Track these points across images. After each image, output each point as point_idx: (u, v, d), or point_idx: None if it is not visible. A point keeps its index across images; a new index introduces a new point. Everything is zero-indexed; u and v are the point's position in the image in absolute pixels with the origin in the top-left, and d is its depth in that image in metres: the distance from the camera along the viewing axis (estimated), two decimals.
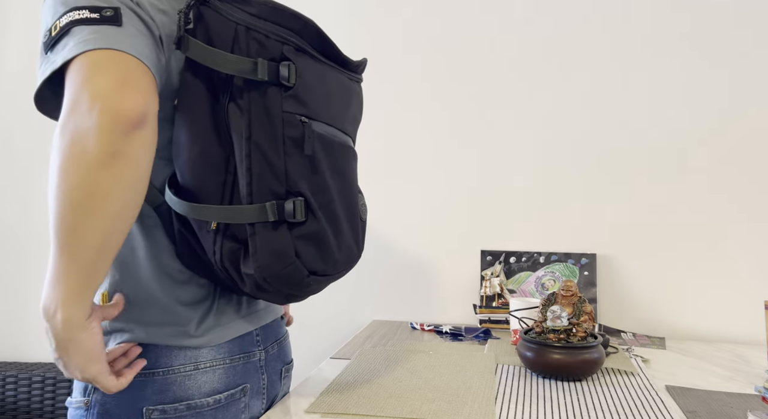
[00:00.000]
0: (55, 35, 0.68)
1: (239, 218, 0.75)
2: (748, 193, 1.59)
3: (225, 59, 0.73)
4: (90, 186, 0.63)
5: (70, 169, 0.63)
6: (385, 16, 1.80)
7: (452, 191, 1.75)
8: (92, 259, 0.66)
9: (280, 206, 0.75)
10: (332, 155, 0.81)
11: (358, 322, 1.79)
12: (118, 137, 0.64)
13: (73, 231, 0.64)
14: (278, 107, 0.75)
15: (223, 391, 0.83)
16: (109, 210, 0.65)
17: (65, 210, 0.64)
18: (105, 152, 0.63)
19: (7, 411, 1.79)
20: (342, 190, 0.84)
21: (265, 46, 0.75)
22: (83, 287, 0.66)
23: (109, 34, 0.67)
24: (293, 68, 0.75)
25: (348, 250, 0.85)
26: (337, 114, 0.83)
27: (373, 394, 0.99)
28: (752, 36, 1.60)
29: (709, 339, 1.59)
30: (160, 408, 0.78)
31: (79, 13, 0.68)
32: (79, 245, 0.65)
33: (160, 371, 0.79)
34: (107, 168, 0.63)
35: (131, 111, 0.64)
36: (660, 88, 1.65)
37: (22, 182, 2.00)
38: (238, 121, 0.75)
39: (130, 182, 0.66)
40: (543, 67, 1.71)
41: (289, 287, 0.78)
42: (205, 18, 0.75)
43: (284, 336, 1.01)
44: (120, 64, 0.66)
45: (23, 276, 1.98)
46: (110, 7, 0.69)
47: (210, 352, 0.83)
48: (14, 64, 2.02)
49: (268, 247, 0.75)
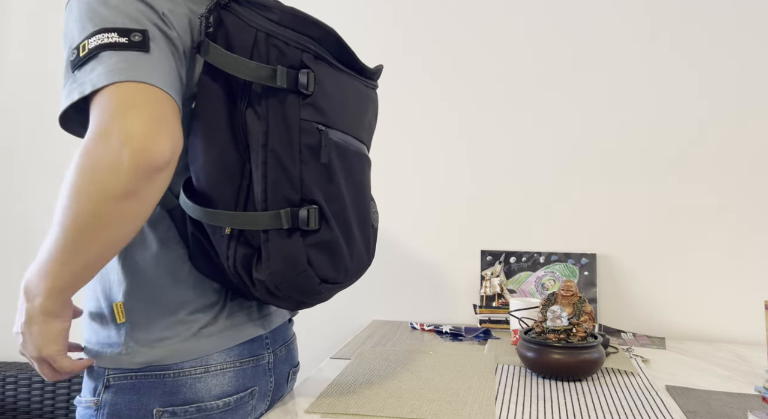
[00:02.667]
0: (83, 57, 0.69)
1: (253, 224, 0.75)
2: (748, 193, 1.59)
3: (244, 65, 0.73)
4: (99, 215, 0.67)
5: (85, 194, 0.66)
6: (388, 15, 1.80)
7: (452, 191, 1.75)
8: (83, 269, 0.70)
9: (295, 214, 0.76)
10: (347, 164, 0.82)
11: (358, 322, 1.79)
12: (141, 179, 0.66)
13: (72, 245, 0.68)
14: (296, 114, 0.76)
15: (233, 394, 0.84)
16: (111, 237, 0.69)
17: (70, 228, 0.68)
18: (124, 191, 0.66)
19: (7, 411, 1.79)
20: (355, 198, 0.84)
21: (285, 54, 0.75)
22: (68, 288, 0.72)
23: (139, 65, 0.68)
24: (312, 76, 0.76)
25: (359, 258, 0.86)
26: (353, 122, 0.84)
27: (373, 394, 0.99)
28: (755, 37, 1.60)
29: (709, 339, 1.59)
30: (170, 410, 0.78)
31: (108, 37, 0.69)
32: (75, 258, 0.69)
33: (171, 373, 0.79)
34: (120, 203, 0.67)
35: (160, 157, 0.67)
36: (660, 89, 1.65)
37: (22, 182, 2.00)
38: (255, 127, 0.75)
39: (138, 217, 0.69)
40: (543, 67, 1.71)
41: (300, 294, 0.79)
42: (225, 23, 0.75)
43: (292, 338, 1.01)
44: (152, 103, 0.68)
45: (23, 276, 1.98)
46: (139, 31, 0.70)
47: (220, 355, 0.83)
48: (14, 63, 2.02)
49: (281, 254, 0.76)
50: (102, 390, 0.79)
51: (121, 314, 0.79)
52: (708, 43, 1.62)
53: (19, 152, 2.00)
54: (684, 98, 1.63)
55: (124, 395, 0.78)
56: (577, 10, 1.69)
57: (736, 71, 1.61)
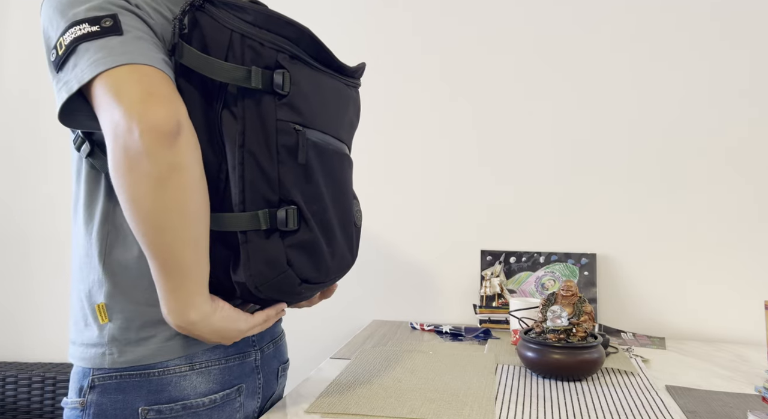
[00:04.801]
0: (62, 55, 0.70)
1: (231, 225, 0.75)
2: (748, 193, 1.59)
3: (219, 67, 0.73)
4: (162, 203, 0.67)
5: (139, 193, 0.67)
6: (385, 18, 1.80)
7: (452, 191, 1.75)
8: (192, 260, 0.71)
9: (273, 215, 0.76)
10: (326, 163, 0.81)
11: (358, 322, 1.79)
12: (165, 150, 0.67)
13: (167, 247, 0.69)
14: (272, 115, 0.76)
15: (219, 391, 0.84)
16: (189, 216, 0.69)
17: (151, 232, 0.68)
18: (161, 168, 0.66)
19: (7, 411, 1.79)
20: (336, 197, 0.84)
21: (260, 54, 0.75)
22: (196, 284, 0.72)
23: (115, 48, 0.69)
24: (287, 76, 0.76)
25: (341, 258, 0.86)
26: (332, 121, 0.83)
27: (373, 394, 0.99)
28: (756, 38, 1.60)
29: (709, 339, 1.59)
30: (155, 409, 0.78)
31: (80, 28, 0.69)
32: (176, 257, 0.70)
33: (156, 371, 0.79)
34: (169, 181, 0.67)
35: (166, 124, 0.67)
36: (660, 90, 1.65)
37: (23, 182, 2.00)
38: (231, 128, 0.75)
39: (193, 185, 0.70)
40: (543, 68, 1.71)
41: (280, 294, 0.79)
42: (200, 24, 0.75)
43: (280, 335, 1.01)
44: (140, 79, 0.68)
45: (24, 276, 1.98)
46: (108, 16, 0.70)
47: (205, 353, 0.83)
48: (14, 63, 2.02)
49: (261, 255, 0.76)
50: (87, 390, 0.78)
51: (104, 315, 0.79)
52: (708, 46, 1.62)
53: (18, 151, 2.00)
54: (685, 99, 1.63)
55: (109, 395, 0.78)
56: (583, 9, 1.69)
57: (735, 74, 1.61)
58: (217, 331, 0.77)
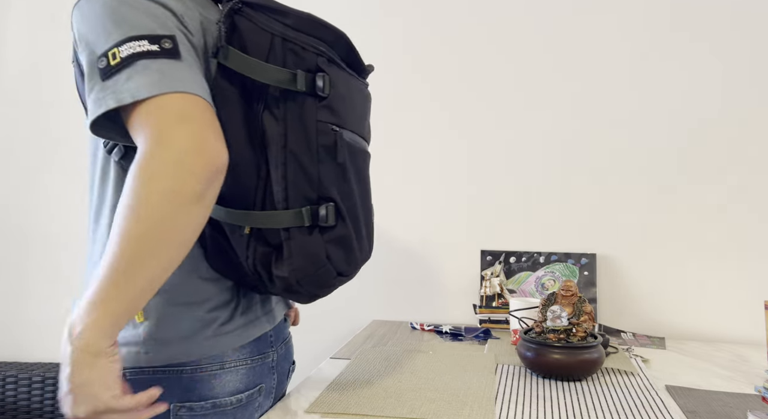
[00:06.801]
0: (115, 65, 0.69)
1: (275, 222, 0.78)
2: (748, 193, 1.59)
3: (265, 70, 0.76)
4: (168, 222, 0.65)
5: (154, 202, 0.64)
6: (386, 15, 1.80)
7: (452, 191, 1.75)
8: (140, 293, 0.66)
9: (314, 212, 0.79)
10: (355, 162, 0.85)
11: (358, 322, 1.79)
12: (207, 182, 0.67)
13: (133, 260, 0.65)
14: (313, 116, 0.79)
15: (244, 391, 0.86)
16: (175, 249, 0.67)
17: (133, 239, 0.65)
18: (194, 195, 0.66)
19: (7, 411, 1.79)
20: (362, 194, 0.87)
21: (302, 57, 0.78)
22: (120, 317, 0.66)
23: (175, 74, 0.69)
24: (327, 79, 0.79)
25: (364, 252, 0.89)
26: (358, 121, 0.87)
27: (373, 394, 0.99)
28: (757, 35, 1.60)
29: (709, 339, 1.59)
30: (187, 406, 0.80)
31: (139, 45, 0.69)
32: (134, 276, 0.65)
33: (188, 369, 0.80)
34: (190, 208, 0.66)
35: (220, 160, 0.68)
36: (660, 88, 1.65)
37: (23, 182, 2.00)
38: (273, 129, 0.78)
39: (201, 223, 0.69)
40: (542, 67, 1.71)
41: (318, 288, 0.83)
42: (240, 27, 0.77)
43: (289, 336, 1.03)
44: (202, 112, 0.69)
45: (24, 276, 1.98)
46: (167, 36, 0.71)
47: (234, 352, 0.85)
48: (14, 63, 2.02)
49: (303, 250, 0.79)
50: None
51: (140, 314, 0.80)
52: (710, 43, 1.62)
53: (18, 151, 2.00)
54: (686, 99, 1.63)
55: (141, 390, 0.78)
56: (577, 11, 1.69)
57: (736, 70, 1.61)
58: (88, 379, 0.66)
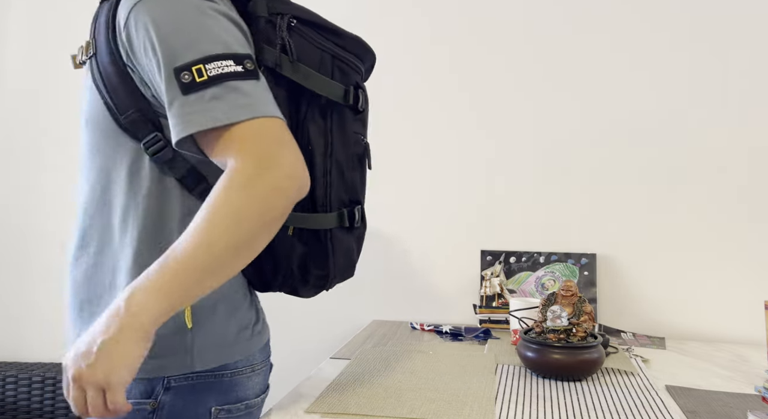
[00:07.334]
0: (201, 82, 0.70)
1: (323, 224, 0.85)
2: (748, 193, 1.59)
3: (322, 83, 0.82)
4: (259, 238, 0.69)
5: (249, 217, 0.67)
6: (385, 15, 1.80)
7: (452, 191, 1.75)
8: (202, 293, 0.69)
9: (351, 213, 0.88)
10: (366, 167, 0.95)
11: (358, 322, 1.79)
12: (293, 204, 0.71)
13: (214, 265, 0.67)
14: (351, 127, 0.89)
15: (265, 391, 0.91)
16: (250, 258, 0.70)
17: (221, 247, 0.67)
18: (283, 216, 0.70)
19: (7, 411, 1.79)
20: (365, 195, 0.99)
21: (347, 75, 0.86)
22: (171, 312, 0.68)
23: (261, 96, 0.72)
24: (364, 96, 0.89)
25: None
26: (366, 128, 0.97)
27: (373, 394, 0.99)
28: (757, 35, 1.60)
29: (709, 339, 1.59)
30: (226, 408, 0.83)
31: (227, 64, 0.71)
32: (206, 280, 0.68)
33: (228, 372, 0.83)
34: (274, 226, 0.70)
35: (306, 184, 0.73)
36: (660, 89, 1.65)
37: (24, 183, 2.00)
38: (318, 138, 0.85)
39: (269, 239, 0.72)
40: (542, 66, 1.71)
41: (341, 281, 0.93)
42: (293, 43, 0.82)
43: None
44: (291, 138, 0.73)
45: (24, 276, 1.98)
46: (248, 57, 0.73)
47: (258, 355, 0.88)
48: (15, 60, 2.02)
49: (343, 249, 0.88)
50: (161, 391, 0.78)
51: (189, 319, 0.80)
52: (711, 44, 1.62)
53: (17, 150, 2.00)
54: (684, 99, 1.63)
55: (184, 396, 0.79)
56: (579, 10, 1.69)
57: (739, 72, 1.61)
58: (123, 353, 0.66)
